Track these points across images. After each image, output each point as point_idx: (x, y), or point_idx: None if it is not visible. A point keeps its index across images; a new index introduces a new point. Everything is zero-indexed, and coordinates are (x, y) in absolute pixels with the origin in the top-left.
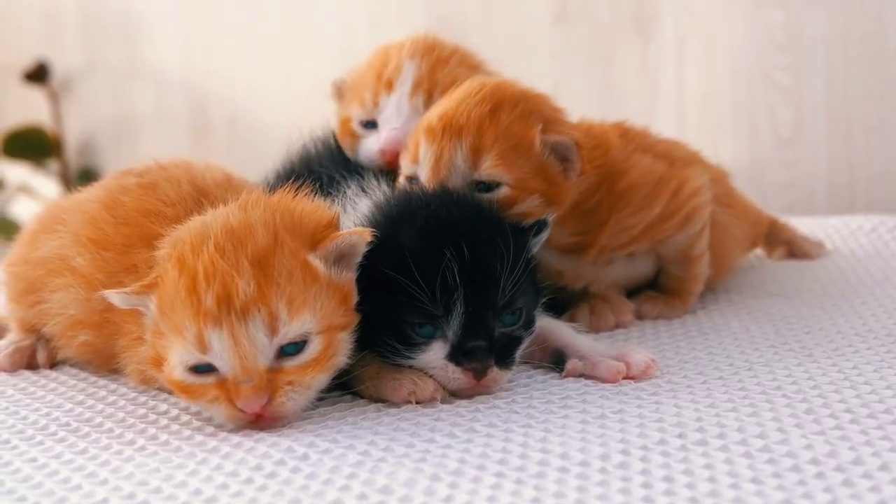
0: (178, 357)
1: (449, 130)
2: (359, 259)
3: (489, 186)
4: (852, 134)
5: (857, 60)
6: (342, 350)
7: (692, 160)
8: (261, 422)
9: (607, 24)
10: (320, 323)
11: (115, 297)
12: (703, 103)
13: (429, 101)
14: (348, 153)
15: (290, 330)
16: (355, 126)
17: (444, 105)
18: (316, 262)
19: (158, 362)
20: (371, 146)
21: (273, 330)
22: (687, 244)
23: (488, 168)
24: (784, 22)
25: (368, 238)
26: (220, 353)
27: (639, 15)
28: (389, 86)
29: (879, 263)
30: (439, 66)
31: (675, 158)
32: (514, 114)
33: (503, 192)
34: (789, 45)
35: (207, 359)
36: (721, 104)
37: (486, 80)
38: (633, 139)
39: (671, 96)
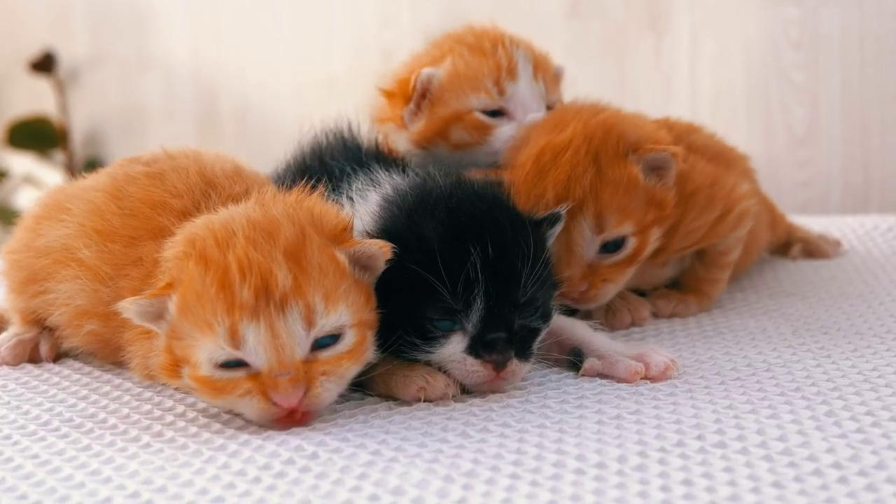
0: (206, 354)
1: (564, 201)
2: (378, 274)
3: (617, 244)
4: (867, 133)
5: (873, 58)
6: (371, 346)
7: (730, 158)
8: (292, 417)
9: (621, 20)
10: (354, 317)
11: (130, 310)
12: (716, 100)
13: (547, 83)
14: (473, 144)
15: (327, 323)
16: (479, 116)
17: (544, 167)
18: (343, 257)
19: (174, 368)
20: (507, 133)
21: (310, 322)
22: (726, 247)
23: (614, 226)
24: (799, 19)
25: (388, 255)
26: (255, 346)
27: (652, 10)
28: (512, 73)
29: None
30: (529, 48)
31: (724, 159)
32: (611, 156)
33: (631, 244)
34: (804, 42)
35: (239, 354)
36: (735, 101)
37: (565, 118)
38: (683, 139)
39: (684, 93)
